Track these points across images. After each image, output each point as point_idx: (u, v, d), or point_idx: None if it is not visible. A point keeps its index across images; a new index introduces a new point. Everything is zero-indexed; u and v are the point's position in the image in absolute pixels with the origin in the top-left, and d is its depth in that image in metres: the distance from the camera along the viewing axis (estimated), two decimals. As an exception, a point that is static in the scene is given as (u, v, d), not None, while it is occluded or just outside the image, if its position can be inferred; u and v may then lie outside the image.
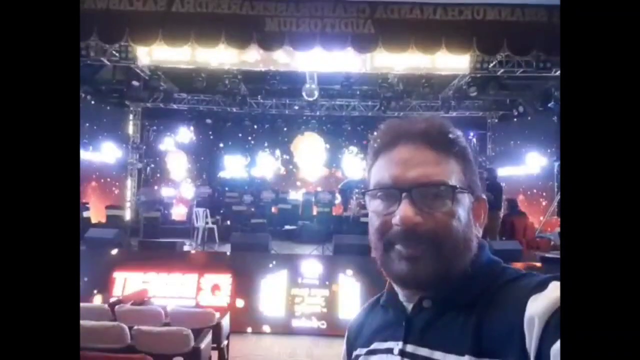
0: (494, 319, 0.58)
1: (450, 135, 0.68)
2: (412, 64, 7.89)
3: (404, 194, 0.63)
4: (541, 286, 0.56)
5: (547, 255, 6.11)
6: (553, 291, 0.53)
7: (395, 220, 0.63)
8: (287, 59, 7.86)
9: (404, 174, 0.65)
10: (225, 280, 5.97)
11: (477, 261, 0.65)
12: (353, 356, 0.74)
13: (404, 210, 0.62)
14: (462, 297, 0.63)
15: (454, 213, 0.63)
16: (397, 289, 0.70)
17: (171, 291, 5.88)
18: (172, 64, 8.06)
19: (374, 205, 0.68)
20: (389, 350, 0.66)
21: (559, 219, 8.45)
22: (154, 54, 7.89)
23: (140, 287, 5.75)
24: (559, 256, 5.98)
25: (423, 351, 0.62)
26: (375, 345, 0.70)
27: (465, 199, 0.65)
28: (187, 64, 7.92)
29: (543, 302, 0.53)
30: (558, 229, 7.68)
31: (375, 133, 0.72)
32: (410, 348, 0.64)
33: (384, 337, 0.69)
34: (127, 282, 5.88)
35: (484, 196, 0.70)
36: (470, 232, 0.66)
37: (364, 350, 0.71)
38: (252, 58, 7.85)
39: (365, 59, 7.84)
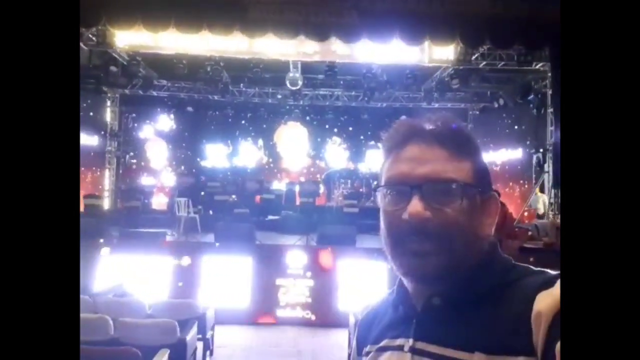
0: (503, 315, 0.59)
1: (461, 134, 0.68)
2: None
3: (414, 190, 0.64)
4: (549, 283, 0.57)
5: (525, 245, 6.29)
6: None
7: (405, 215, 0.63)
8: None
9: (414, 171, 0.65)
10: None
11: (486, 258, 0.66)
12: (364, 353, 0.75)
13: (413, 206, 0.63)
14: (472, 294, 0.63)
15: (463, 210, 0.64)
16: (407, 285, 0.70)
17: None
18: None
19: (385, 201, 0.68)
20: (400, 347, 0.67)
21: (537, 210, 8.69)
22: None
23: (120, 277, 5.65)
24: (536, 246, 6.18)
25: (433, 348, 0.63)
26: (385, 342, 0.71)
27: (476, 197, 0.66)
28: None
29: (550, 298, 0.54)
30: (536, 220, 7.90)
31: (387, 132, 0.72)
32: (420, 345, 0.65)
33: (394, 334, 0.70)
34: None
35: (495, 194, 0.70)
36: (480, 229, 0.66)
37: (375, 347, 0.72)
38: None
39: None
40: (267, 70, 9.91)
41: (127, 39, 7.57)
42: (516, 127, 10.52)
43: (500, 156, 10.72)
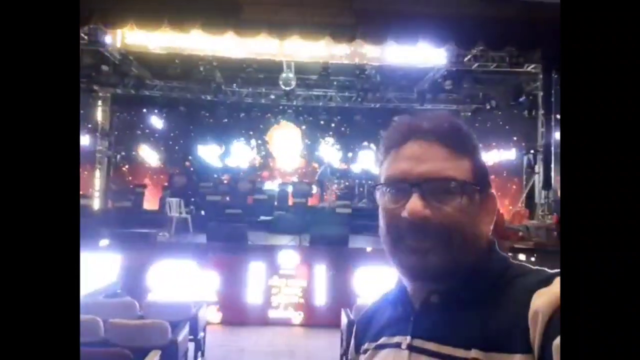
0: (501, 313, 0.59)
1: (461, 132, 0.69)
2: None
3: (413, 188, 0.64)
4: (546, 281, 0.57)
5: (515, 245, 6.34)
6: (558, 287, 0.55)
7: (404, 213, 0.64)
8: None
9: (413, 169, 0.65)
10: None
11: (485, 256, 0.67)
12: (362, 350, 0.75)
13: (413, 204, 0.63)
14: (470, 292, 0.64)
15: (463, 208, 0.64)
16: (405, 283, 0.70)
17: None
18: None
19: (384, 199, 0.68)
20: (397, 345, 0.67)
21: (527, 211, 8.77)
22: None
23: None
24: (526, 247, 6.23)
25: (430, 345, 0.63)
26: (383, 340, 0.71)
27: (475, 195, 0.66)
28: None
29: (547, 297, 0.54)
30: (526, 221, 7.98)
31: (387, 130, 0.72)
32: (417, 342, 0.65)
33: (392, 332, 0.70)
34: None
35: (493, 192, 0.71)
36: (479, 228, 0.67)
37: (373, 344, 0.72)
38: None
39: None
40: (261, 71, 9.88)
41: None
42: (508, 128, 10.60)
43: (492, 157, 10.79)
